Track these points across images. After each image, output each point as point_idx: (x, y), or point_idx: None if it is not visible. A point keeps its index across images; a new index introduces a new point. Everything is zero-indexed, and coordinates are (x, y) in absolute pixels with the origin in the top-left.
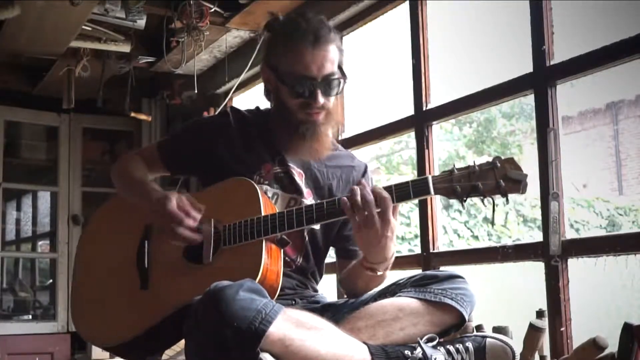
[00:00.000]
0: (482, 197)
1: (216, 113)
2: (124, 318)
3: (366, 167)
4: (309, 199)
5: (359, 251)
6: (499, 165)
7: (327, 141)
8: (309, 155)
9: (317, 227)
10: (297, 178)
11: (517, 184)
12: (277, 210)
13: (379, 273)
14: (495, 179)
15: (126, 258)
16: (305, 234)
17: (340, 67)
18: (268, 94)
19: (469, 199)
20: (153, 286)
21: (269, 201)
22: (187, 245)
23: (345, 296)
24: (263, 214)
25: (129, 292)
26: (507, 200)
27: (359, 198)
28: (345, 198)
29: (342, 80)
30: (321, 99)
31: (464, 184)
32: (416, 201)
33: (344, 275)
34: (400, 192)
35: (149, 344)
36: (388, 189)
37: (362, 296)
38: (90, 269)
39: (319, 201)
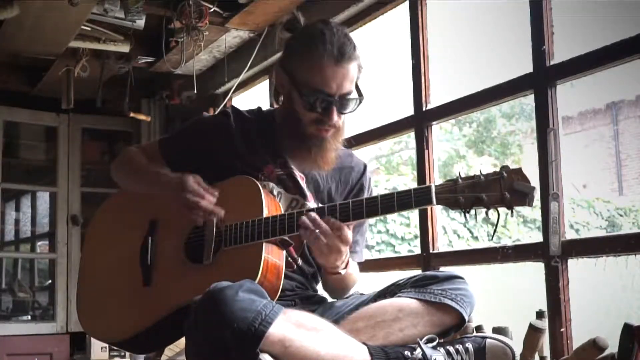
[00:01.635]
0: (486, 210)
1: (217, 112)
2: (127, 314)
3: (365, 166)
4: (311, 202)
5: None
6: (505, 175)
7: (333, 155)
8: (313, 167)
9: None
10: (300, 181)
11: (524, 197)
12: (282, 209)
13: (342, 272)
14: (500, 190)
15: (130, 254)
16: None
17: (357, 86)
18: (277, 95)
19: (472, 210)
20: (155, 283)
21: (272, 200)
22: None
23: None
24: (266, 213)
25: (132, 288)
26: (512, 213)
27: (311, 227)
28: (305, 218)
29: (358, 100)
30: (335, 117)
31: (468, 195)
32: None
33: (323, 278)
34: (402, 201)
35: (151, 340)
36: (390, 196)
37: (344, 295)
38: (95, 265)
39: (320, 205)
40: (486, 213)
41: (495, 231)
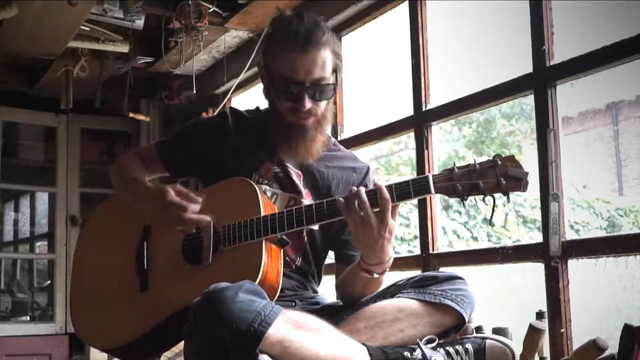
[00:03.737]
0: (482, 196)
1: (215, 114)
2: (124, 320)
3: (368, 168)
4: (307, 200)
5: (357, 256)
6: (499, 163)
7: (316, 146)
8: (297, 158)
9: (315, 227)
10: (295, 178)
11: (518, 182)
12: (277, 210)
13: (375, 275)
14: (496, 177)
15: (125, 259)
16: (304, 234)
17: (335, 72)
18: (265, 91)
19: (469, 198)
20: (153, 288)
21: (268, 201)
22: (195, 231)
23: (341, 302)
24: (262, 213)
25: (129, 293)
26: (508, 198)
27: (355, 200)
28: (341, 199)
29: (333, 86)
30: (308, 104)
31: (465, 183)
32: (415, 201)
33: (340, 279)
34: (401, 191)
35: (148, 345)
36: (388, 188)
37: (357, 301)
38: (89, 270)
39: (318, 201)
40: (483, 200)
41: (492, 216)
